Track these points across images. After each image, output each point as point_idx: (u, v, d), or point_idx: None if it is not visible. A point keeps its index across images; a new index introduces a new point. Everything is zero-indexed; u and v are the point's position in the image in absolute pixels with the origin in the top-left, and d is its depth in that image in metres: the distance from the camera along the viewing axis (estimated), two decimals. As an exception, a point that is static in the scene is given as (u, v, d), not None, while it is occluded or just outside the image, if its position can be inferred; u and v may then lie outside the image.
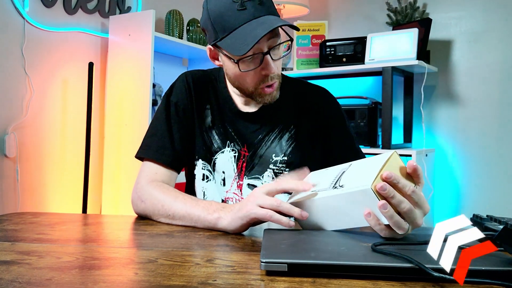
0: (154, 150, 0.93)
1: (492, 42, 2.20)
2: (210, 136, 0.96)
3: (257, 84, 0.87)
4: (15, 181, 1.80)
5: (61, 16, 1.96)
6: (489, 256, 0.54)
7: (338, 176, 0.67)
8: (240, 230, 0.72)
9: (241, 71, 0.85)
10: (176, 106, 0.95)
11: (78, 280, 0.49)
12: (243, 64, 0.85)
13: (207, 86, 0.98)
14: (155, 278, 0.50)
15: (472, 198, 2.23)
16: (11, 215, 0.87)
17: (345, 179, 0.65)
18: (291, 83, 1.01)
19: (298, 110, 0.98)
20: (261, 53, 0.83)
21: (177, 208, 0.80)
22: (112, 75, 2.07)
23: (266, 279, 0.50)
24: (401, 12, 2.40)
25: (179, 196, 0.82)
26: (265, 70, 0.84)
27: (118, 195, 2.02)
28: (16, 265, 0.54)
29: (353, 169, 0.67)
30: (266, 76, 0.86)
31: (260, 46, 0.82)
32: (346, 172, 0.67)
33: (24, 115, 1.83)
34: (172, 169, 0.93)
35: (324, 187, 0.67)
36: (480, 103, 2.22)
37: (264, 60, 0.83)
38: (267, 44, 0.83)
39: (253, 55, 0.83)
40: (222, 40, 0.84)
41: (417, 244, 0.58)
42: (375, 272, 0.50)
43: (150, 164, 0.92)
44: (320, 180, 0.70)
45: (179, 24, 2.25)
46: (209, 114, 0.97)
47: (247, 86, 0.88)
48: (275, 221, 0.66)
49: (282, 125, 0.97)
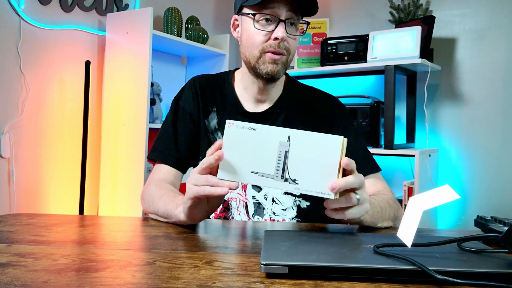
0: (160, 151, 0.98)
1: (496, 40, 2.18)
2: (216, 138, 0.98)
3: (265, 47, 0.89)
4: (10, 182, 1.78)
5: (57, 14, 1.94)
6: (493, 258, 0.54)
7: (282, 161, 0.63)
8: (193, 217, 0.73)
9: (255, 27, 0.89)
10: (183, 109, 1.00)
11: (75, 282, 0.48)
12: (258, 23, 0.89)
13: (214, 90, 1.01)
14: (153, 281, 0.49)
15: (476, 199, 2.22)
16: (6, 217, 0.87)
17: (295, 170, 0.62)
18: (301, 88, 1.04)
19: (305, 115, 1.00)
20: (277, 18, 0.88)
21: (159, 205, 0.83)
22: (109, 73, 2.06)
23: (266, 282, 0.49)
24: (404, 10, 2.39)
25: (165, 193, 0.85)
26: (277, 33, 0.88)
27: (116, 196, 2.01)
28: (12, 268, 0.53)
29: (297, 151, 0.63)
30: (275, 39, 0.88)
31: (278, 12, 0.88)
32: (290, 156, 0.63)
33: (20, 114, 1.81)
34: (176, 169, 0.97)
35: (268, 172, 0.63)
36: (485, 102, 2.20)
37: (278, 26, 0.88)
38: (285, 14, 0.88)
39: (271, 17, 0.88)
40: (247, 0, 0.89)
41: (420, 246, 0.57)
42: (377, 275, 0.50)
43: (157, 165, 0.98)
44: (249, 149, 0.64)
45: (178, 22, 2.24)
46: (215, 116, 0.99)
47: (255, 48, 0.90)
48: (208, 193, 0.66)
49: (289, 127, 0.97)
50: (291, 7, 0.88)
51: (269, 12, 0.88)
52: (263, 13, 0.88)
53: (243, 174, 0.64)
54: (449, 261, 0.53)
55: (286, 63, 0.92)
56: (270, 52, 0.89)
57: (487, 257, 0.54)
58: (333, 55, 2.32)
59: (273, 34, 0.88)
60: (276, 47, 0.89)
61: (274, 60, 0.89)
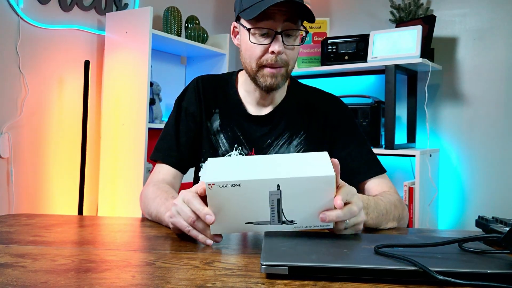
0: (162, 152, 0.98)
1: (497, 40, 2.18)
2: (218, 139, 0.98)
3: (263, 61, 0.88)
4: (9, 182, 1.78)
5: (56, 13, 1.94)
6: (495, 258, 0.53)
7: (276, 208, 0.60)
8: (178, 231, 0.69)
9: (250, 41, 0.87)
10: (186, 110, 1.00)
11: (74, 283, 0.48)
12: (254, 37, 0.87)
13: (217, 91, 1.01)
14: (153, 282, 0.49)
15: (478, 199, 2.21)
16: (5, 217, 0.86)
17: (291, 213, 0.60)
18: (304, 90, 1.03)
19: (309, 117, 0.99)
20: (273, 30, 0.86)
21: (152, 208, 0.83)
22: (108, 73, 2.06)
23: (267, 283, 0.49)
24: (404, 9, 2.38)
25: (159, 195, 0.84)
26: (273, 47, 0.86)
27: (115, 196, 2.00)
28: (11, 268, 0.53)
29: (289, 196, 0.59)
30: (272, 53, 0.87)
31: (274, 24, 0.85)
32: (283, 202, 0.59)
33: (19, 114, 1.81)
34: (177, 169, 0.97)
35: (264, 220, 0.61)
36: (486, 102, 2.19)
37: (275, 39, 0.86)
38: (282, 25, 0.86)
39: (267, 30, 0.86)
40: (243, 11, 0.88)
41: (421, 247, 0.57)
42: (378, 275, 0.49)
43: (158, 165, 0.98)
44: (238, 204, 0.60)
45: (177, 21, 2.23)
46: (217, 118, 0.99)
47: (254, 61, 0.89)
48: (192, 236, 0.64)
49: (292, 130, 0.97)
50: (287, 17, 0.85)
51: (264, 26, 0.86)
52: (258, 27, 0.86)
53: (237, 226, 0.62)
54: (450, 261, 0.52)
55: (286, 74, 0.91)
56: (268, 66, 0.88)
57: (488, 257, 0.54)
58: (333, 54, 2.31)
59: (270, 48, 0.87)
60: (273, 61, 0.87)
61: (272, 74, 0.89)
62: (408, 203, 1.96)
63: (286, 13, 0.85)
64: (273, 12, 0.84)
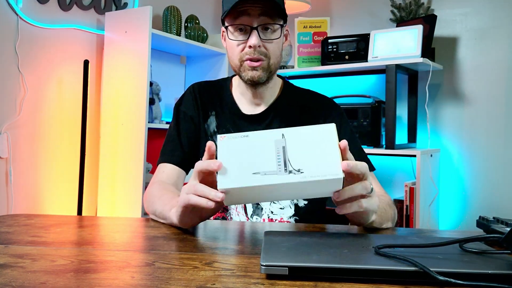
0: (167, 154, 1.01)
1: (499, 39, 2.17)
2: (215, 140, 0.99)
3: (242, 56, 0.93)
4: (8, 182, 1.78)
5: (55, 13, 1.93)
6: (496, 259, 0.53)
7: (282, 156, 0.63)
8: (184, 222, 0.72)
9: (229, 38, 0.94)
10: (184, 114, 1.04)
11: (73, 284, 0.48)
12: (232, 34, 0.94)
13: (213, 95, 1.05)
14: (152, 282, 0.49)
15: (479, 200, 2.20)
16: (4, 217, 0.86)
17: (296, 161, 0.62)
18: (297, 91, 1.07)
19: (302, 116, 1.02)
20: (249, 26, 0.91)
21: (157, 206, 0.84)
22: (108, 73, 2.05)
23: (267, 283, 0.49)
24: (405, 9, 2.38)
25: (164, 194, 0.86)
26: (250, 41, 0.91)
27: (114, 196, 2.00)
28: (9, 269, 0.53)
29: (294, 145, 0.64)
30: (250, 47, 0.91)
31: (249, 20, 0.91)
32: (288, 150, 0.63)
33: (18, 114, 1.81)
34: (180, 168, 1.00)
35: (270, 169, 0.63)
36: (487, 101, 2.19)
37: (251, 34, 0.91)
38: (257, 20, 0.91)
39: (243, 26, 0.91)
40: (224, 13, 0.93)
41: (421, 247, 0.57)
42: (378, 276, 0.49)
43: (161, 164, 1.01)
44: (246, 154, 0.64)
45: (177, 21, 2.23)
46: (214, 120, 1.03)
47: (235, 57, 0.95)
48: (194, 203, 0.65)
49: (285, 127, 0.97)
50: (262, 12, 0.90)
51: (240, 22, 0.91)
52: (235, 24, 0.92)
53: (244, 177, 0.63)
54: (451, 262, 0.52)
55: (268, 67, 0.94)
56: (247, 60, 0.93)
57: (489, 258, 0.54)
58: (333, 54, 2.31)
59: (247, 43, 0.92)
60: (252, 54, 0.92)
61: (253, 67, 0.93)
62: (409, 203, 1.97)
63: (261, 9, 0.90)
64: (248, 8, 0.90)
